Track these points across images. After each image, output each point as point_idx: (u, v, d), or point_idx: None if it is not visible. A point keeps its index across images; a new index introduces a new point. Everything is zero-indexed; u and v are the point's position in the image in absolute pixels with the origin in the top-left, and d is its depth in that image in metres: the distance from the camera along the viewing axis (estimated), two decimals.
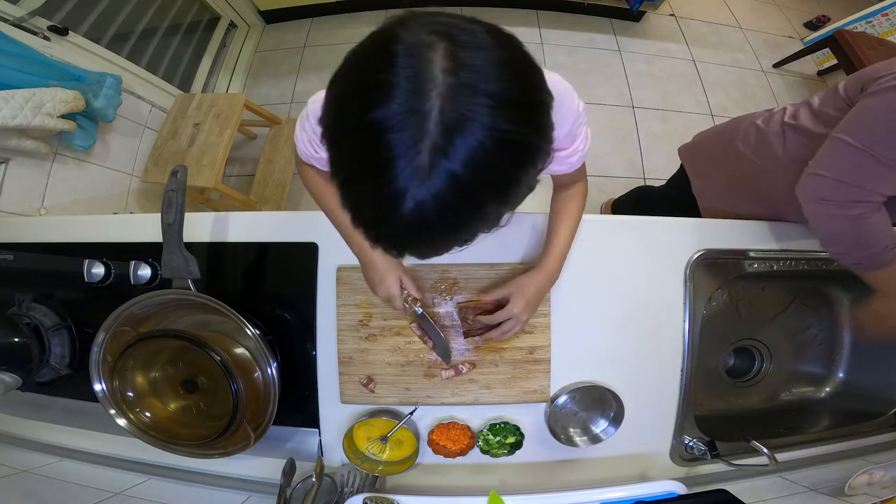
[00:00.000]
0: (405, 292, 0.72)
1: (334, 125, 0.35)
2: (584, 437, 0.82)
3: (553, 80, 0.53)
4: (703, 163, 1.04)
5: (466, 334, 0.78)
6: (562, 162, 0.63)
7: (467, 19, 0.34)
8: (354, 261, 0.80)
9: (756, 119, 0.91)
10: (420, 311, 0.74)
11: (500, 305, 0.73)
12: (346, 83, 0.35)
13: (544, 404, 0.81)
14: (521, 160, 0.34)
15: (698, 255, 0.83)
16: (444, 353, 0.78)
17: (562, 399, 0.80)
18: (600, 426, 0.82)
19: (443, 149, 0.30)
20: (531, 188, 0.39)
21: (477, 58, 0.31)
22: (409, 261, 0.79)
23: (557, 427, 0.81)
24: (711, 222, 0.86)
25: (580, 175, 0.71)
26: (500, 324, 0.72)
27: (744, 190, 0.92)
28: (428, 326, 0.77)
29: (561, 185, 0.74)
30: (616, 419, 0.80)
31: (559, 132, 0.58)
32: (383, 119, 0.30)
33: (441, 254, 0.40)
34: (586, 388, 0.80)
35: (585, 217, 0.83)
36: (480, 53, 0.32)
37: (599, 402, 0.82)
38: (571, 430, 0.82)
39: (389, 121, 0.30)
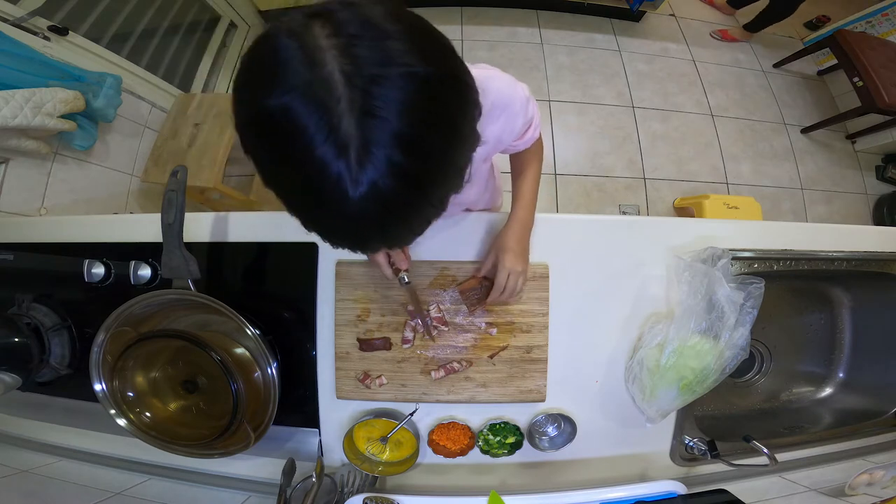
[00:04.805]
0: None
1: (243, 129, 0.33)
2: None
3: (487, 75, 0.53)
4: None
5: (472, 312, 0.79)
6: (526, 144, 0.68)
7: (328, 1, 0.32)
8: (354, 256, 0.80)
9: None
10: (406, 280, 0.74)
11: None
12: (240, 85, 0.33)
13: (541, 404, 0.81)
14: (447, 92, 0.32)
15: (698, 254, 0.83)
16: (426, 327, 0.79)
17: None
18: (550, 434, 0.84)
19: (366, 108, 0.28)
20: (476, 135, 0.36)
21: (352, 14, 0.30)
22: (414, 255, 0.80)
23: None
24: (711, 222, 0.86)
25: None
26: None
27: None
28: (413, 298, 0.78)
29: None
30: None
31: (514, 126, 0.60)
32: (283, 100, 0.28)
33: (417, 233, 0.36)
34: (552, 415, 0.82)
35: (584, 217, 0.83)
36: (355, 10, 0.30)
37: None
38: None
39: (289, 98, 0.28)
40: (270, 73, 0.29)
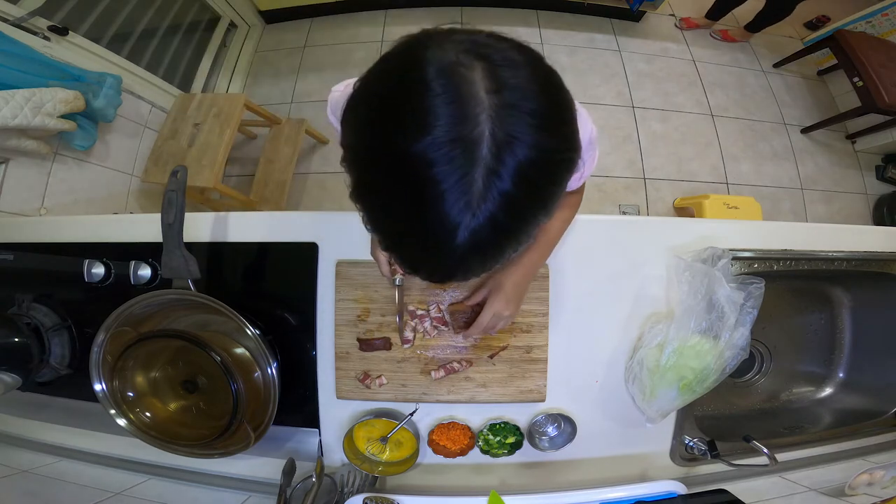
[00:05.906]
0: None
1: (363, 153, 0.33)
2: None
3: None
4: None
5: (457, 333, 0.79)
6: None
7: (488, 35, 0.33)
8: (354, 255, 0.80)
9: None
10: (399, 282, 0.75)
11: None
12: (375, 108, 0.32)
13: (541, 404, 0.81)
14: (562, 171, 0.34)
15: (698, 254, 0.83)
16: (400, 331, 0.79)
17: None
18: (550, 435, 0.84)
19: (496, 171, 0.29)
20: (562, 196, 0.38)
21: (516, 76, 0.30)
22: None
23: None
24: (711, 222, 0.86)
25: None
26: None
27: None
28: (398, 299, 0.78)
29: None
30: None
31: None
32: (427, 150, 0.28)
33: (482, 274, 0.38)
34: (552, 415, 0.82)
35: (584, 217, 0.83)
36: (518, 71, 0.30)
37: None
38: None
39: (435, 152, 0.28)
40: (418, 115, 0.28)
